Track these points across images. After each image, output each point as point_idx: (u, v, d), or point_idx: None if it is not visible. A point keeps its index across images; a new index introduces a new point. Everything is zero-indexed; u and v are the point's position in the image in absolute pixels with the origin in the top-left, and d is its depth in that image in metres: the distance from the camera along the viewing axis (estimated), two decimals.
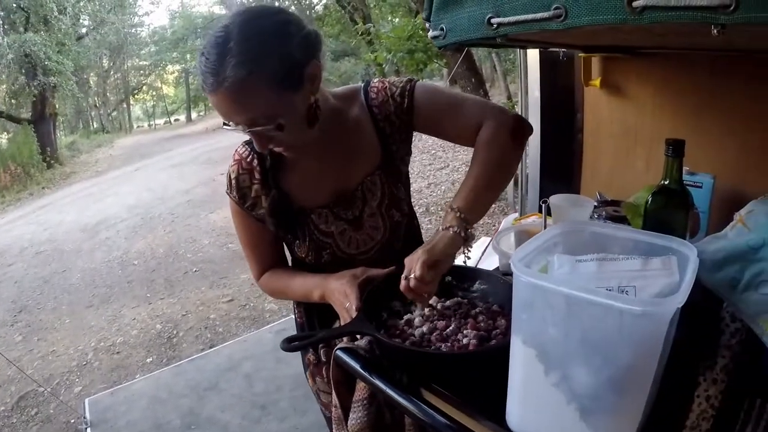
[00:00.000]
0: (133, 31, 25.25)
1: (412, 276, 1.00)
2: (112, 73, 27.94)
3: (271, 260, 1.35)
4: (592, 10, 0.73)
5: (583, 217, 1.34)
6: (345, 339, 1.05)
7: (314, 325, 1.40)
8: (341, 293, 1.13)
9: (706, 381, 0.83)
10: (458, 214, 1.08)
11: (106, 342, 4.45)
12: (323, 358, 1.36)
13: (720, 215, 1.35)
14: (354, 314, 1.04)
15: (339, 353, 1.00)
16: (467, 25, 0.93)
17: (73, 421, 3.41)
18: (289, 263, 1.39)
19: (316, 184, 1.26)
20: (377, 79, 1.30)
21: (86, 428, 3.17)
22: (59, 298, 5.59)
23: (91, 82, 25.97)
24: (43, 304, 5.49)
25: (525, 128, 1.23)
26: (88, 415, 3.29)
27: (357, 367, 0.97)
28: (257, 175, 1.22)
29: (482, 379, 0.89)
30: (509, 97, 11.69)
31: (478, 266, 1.16)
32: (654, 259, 0.72)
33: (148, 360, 4.06)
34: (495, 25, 0.87)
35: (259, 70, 0.99)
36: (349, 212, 1.28)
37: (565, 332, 0.65)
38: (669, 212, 1.05)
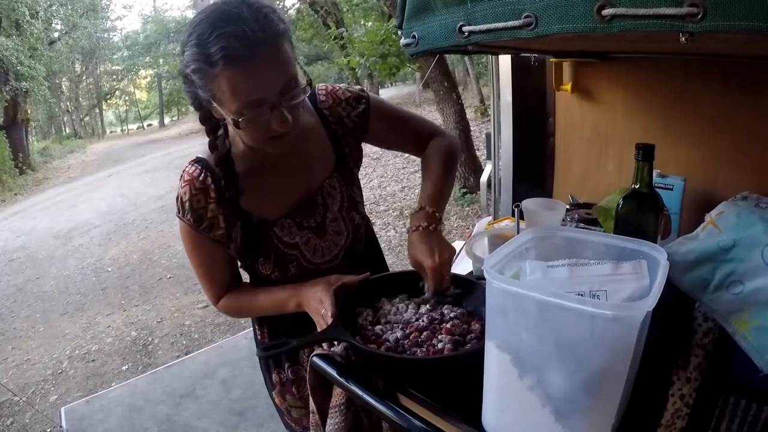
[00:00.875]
0: (105, 35, 24.98)
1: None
2: (84, 78, 27.58)
3: (229, 281, 1.28)
4: (562, 19, 0.74)
5: (556, 220, 1.36)
6: (323, 345, 1.05)
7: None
8: (316, 300, 1.12)
9: (680, 380, 0.85)
10: (436, 214, 1.19)
11: (81, 350, 4.39)
12: (291, 376, 1.36)
13: (691, 216, 1.36)
14: (330, 321, 1.04)
15: (315, 360, 1.00)
16: (439, 33, 0.94)
17: (49, 430, 3.36)
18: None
19: (276, 194, 1.23)
20: (322, 84, 1.31)
21: None
22: (33, 306, 5.52)
23: (64, 87, 25.57)
24: (17, 312, 5.41)
25: (458, 145, 1.44)
26: (64, 424, 3.25)
27: (333, 373, 0.97)
28: (213, 194, 1.15)
29: (458, 383, 0.90)
30: (482, 101, 11.78)
31: (452, 271, 1.16)
32: (624, 263, 0.74)
33: (124, 367, 4.01)
34: (466, 33, 0.88)
35: (287, 27, 1.02)
36: (311, 219, 1.26)
37: (539, 337, 0.67)
38: (640, 215, 1.07)
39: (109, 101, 31.49)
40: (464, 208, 6.27)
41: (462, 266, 1.57)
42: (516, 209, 1.35)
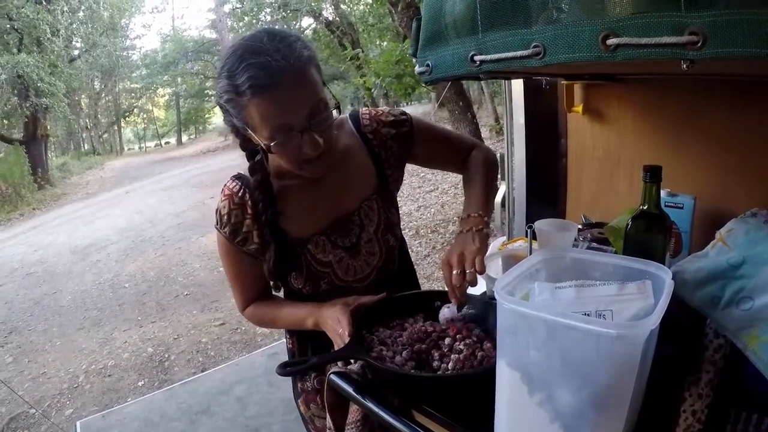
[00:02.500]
0: (124, 54, 25.36)
1: (471, 270, 1.08)
2: (103, 95, 28.04)
3: (257, 292, 1.34)
4: (569, 48, 0.77)
5: (568, 240, 1.38)
6: (339, 363, 1.09)
7: (308, 352, 1.41)
8: (334, 320, 1.15)
9: (691, 396, 0.87)
10: (483, 217, 1.21)
11: (98, 365, 4.43)
12: (317, 386, 1.39)
13: (702, 234, 1.38)
14: (347, 340, 1.07)
15: (333, 377, 1.03)
16: (452, 61, 0.98)
17: None
18: (273, 293, 1.41)
19: (312, 213, 1.26)
20: (366, 109, 1.37)
21: None
22: (50, 320, 5.57)
23: (83, 104, 26.01)
24: (34, 326, 5.47)
25: (496, 158, 1.46)
26: None
27: (350, 390, 1.00)
28: (250, 210, 1.21)
29: (471, 401, 0.93)
30: (497, 119, 11.81)
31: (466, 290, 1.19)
32: (629, 284, 0.77)
33: (140, 383, 4.04)
34: (478, 62, 0.92)
35: (313, 53, 1.07)
36: (346, 239, 1.29)
37: (547, 355, 0.69)
38: (648, 236, 1.09)
39: (127, 119, 31.99)
40: None
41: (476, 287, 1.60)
42: (529, 230, 1.37)
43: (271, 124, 1.04)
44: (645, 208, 1.11)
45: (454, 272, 1.09)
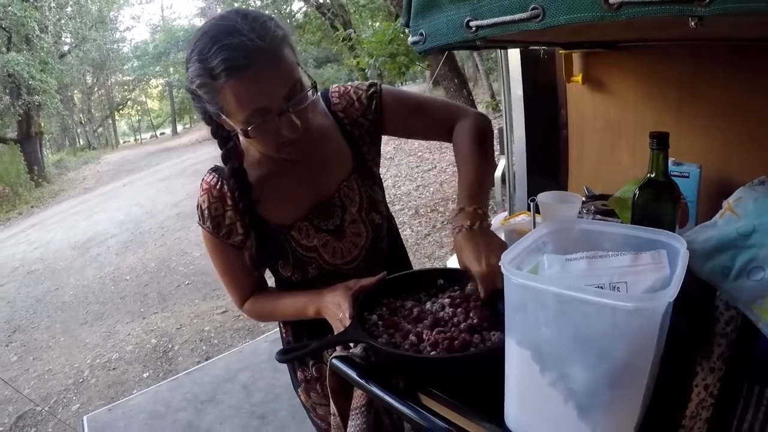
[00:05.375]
0: (115, 47, 25.19)
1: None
2: (96, 89, 27.85)
3: (252, 285, 1.31)
4: (570, 9, 0.73)
5: (572, 213, 1.34)
6: (340, 347, 1.05)
7: (303, 341, 1.39)
8: (335, 305, 1.12)
9: (703, 370, 0.83)
10: (478, 210, 1.10)
11: (102, 358, 4.43)
12: (316, 374, 1.36)
13: (708, 204, 1.35)
14: (348, 324, 1.04)
15: (335, 362, 0.99)
16: (446, 29, 0.93)
17: None
18: (269, 284, 1.38)
19: (292, 199, 1.24)
20: (335, 86, 1.31)
21: None
22: (53, 317, 5.57)
23: (76, 100, 25.88)
24: (37, 323, 5.46)
25: (491, 124, 1.33)
26: None
27: (353, 374, 0.96)
28: (229, 202, 1.18)
29: (479, 381, 0.89)
30: (493, 96, 11.72)
31: None
32: (644, 253, 0.73)
33: (145, 375, 4.04)
34: (474, 28, 0.87)
35: (287, 33, 1.02)
36: (329, 222, 1.26)
37: (558, 331, 0.66)
38: (656, 205, 1.06)
39: (121, 111, 31.82)
40: None
41: None
42: (531, 203, 1.34)
43: (248, 107, 1.00)
44: (652, 176, 1.07)
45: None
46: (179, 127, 30.81)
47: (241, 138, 1.12)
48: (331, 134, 1.27)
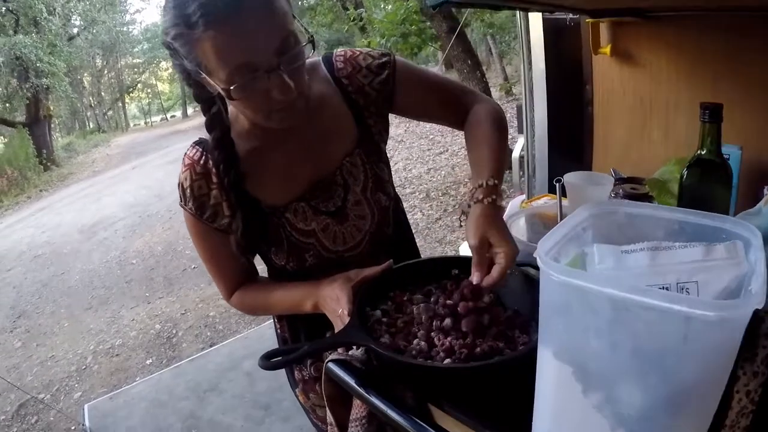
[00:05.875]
0: (124, 29, 25.13)
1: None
2: (105, 72, 27.78)
3: (241, 275, 1.16)
4: None
5: (603, 196, 1.20)
6: (338, 349, 0.91)
7: (300, 339, 1.25)
8: (333, 299, 0.98)
9: (746, 374, 0.69)
10: (498, 186, 0.98)
11: (105, 345, 4.37)
12: (314, 374, 1.23)
13: (747, 189, 1.26)
14: (347, 321, 0.89)
15: (331, 366, 0.85)
16: None
17: (74, 428, 3.33)
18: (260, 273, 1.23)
19: (286, 176, 1.09)
20: (341, 49, 1.16)
21: None
22: (58, 302, 5.52)
23: (85, 82, 25.87)
24: (42, 309, 5.42)
25: (504, 113, 1.18)
26: (87, 422, 3.20)
27: (351, 382, 0.82)
28: (214, 179, 1.03)
29: (502, 396, 0.75)
30: (506, 78, 11.54)
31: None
32: (717, 245, 0.57)
33: (148, 361, 3.98)
34: None
35: None
36: (330, 203, 1.11)
37: (612, 345, 0.51)
38: (708, 187, 0.91)
39: (131, 94, 31.79)
40: None
41: None
42: (557, 185, 1.19)
43: (231, 62, 0.84)
44: (703, 153, 0.93)
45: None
46: (189, 110, 30.64)
47: (229, 104, 0.98)
48: (333, 103, 1.11)
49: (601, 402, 0.54)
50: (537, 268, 0.99)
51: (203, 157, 1.04)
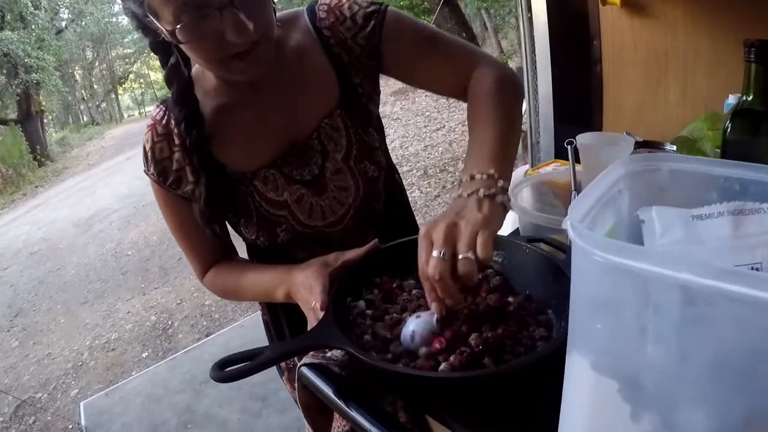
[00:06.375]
0: (113, 20, 24.71)
1: (468, 255, 0.64)
2: (96, 64, 27.44)
3: (215, 251, 1.04)
4: None
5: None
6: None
7: (282, 327, 1.11)
8: (306, 288, 0.83)
9: None
10: (498, 179, 0.75)
11: (101, 339, 4.32)
12: (299, 361, 1.08)
13: None
14: (321, 316, 0.74)
15: (304, 372, 0.70)
16: None
17: (71, 426, 3.28)
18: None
19: (256, 139, 0.96)
20: None
21: None
22: (54, 298, 5.47)
23: (77, 76, 25.65)
24: (39, 306, 5.37)
25: (518, 79, 1.00)
26: (83, 420, 3.12)
27: (328, 392, 0.67)
28: (176, 140, 0.93)
29: (517, 409, 0.60)
30: (502, 51, 11.33)
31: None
32: None
33: (144, 354, 3.92)
34: None
35: None
36: (305, 171, 0.98)
37: (681, 352, 0.35)
38: (757, 141, 0.75)
39: (124, 85, 31.45)
40: None
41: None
42: (569, 147, 1.03)
43: None
44: (749, 99, 0.77)
45: (434, 254, 0.66)
46: None
47: (191, 55, 0.85)
48: (313, 57, 0.97)
49: (656, 427, 0.39)
50: (550, 244, 0.84)
51: (165, 117, 0.94)
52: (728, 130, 0.76)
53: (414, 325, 0.68)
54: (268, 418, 2.76)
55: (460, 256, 0.64)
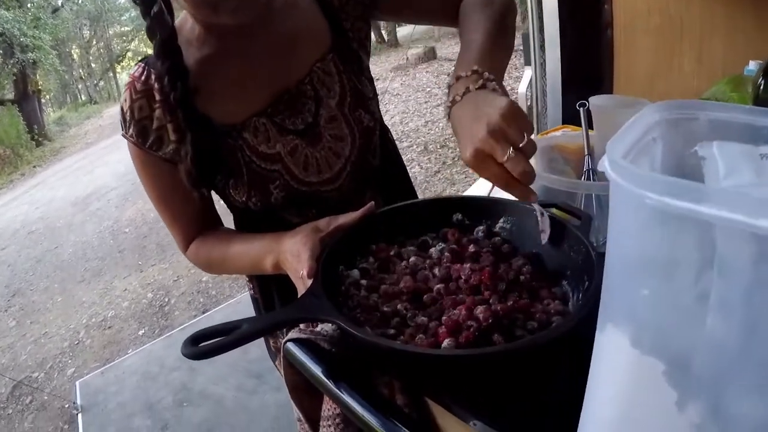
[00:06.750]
0: None
1: (525, 140, 0.60)
2: (94, 42, 27.24)
3: (199, 221, 0.98)
4: None
5: None
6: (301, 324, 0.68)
7: (273, 303, 1.04)
8: (294, 255, 0.76)
9: None
10: (485, 73, 0.71)
11: (98, 317, 4.30)
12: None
13: None
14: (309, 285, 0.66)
15: (290, 348, 0.62)
16: None
17: (67, 406, 3.25)
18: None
19: (244, 87, 0.90)
20: None
21: (77, 414, 2.99)
22: (51, 277, 5.46)
23: (74, 54, 25.46)
24: (36, 285, 5.37)
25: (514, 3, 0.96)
26: (78, 399, 3.11)
27: (317, 372, 0.59)
28: (157, 96, 0.86)
29: (528, 393, 0.53)
30: None
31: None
32: None
33: (140, 332, 3.89)
34: None
35: None
36: (298, 119, 0.91)
37: (750, 324, 0.27)
38: None
39: (121, 64, 31.17)
40: None
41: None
42: (581, 109, 0.96)
43: None
44: None
45: (504, 154, 0.60)
46: None
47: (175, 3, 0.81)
48: (302, 2, 0.95)
49: (703, 418, 0.32)
50: (564, 209, 0.77)
51: (145, 73, 0.88)
52: (761, 87, 0.68)
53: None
54: (264, 395, 2.74)
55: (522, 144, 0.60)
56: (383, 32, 14.17)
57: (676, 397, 0.32)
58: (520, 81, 1.77)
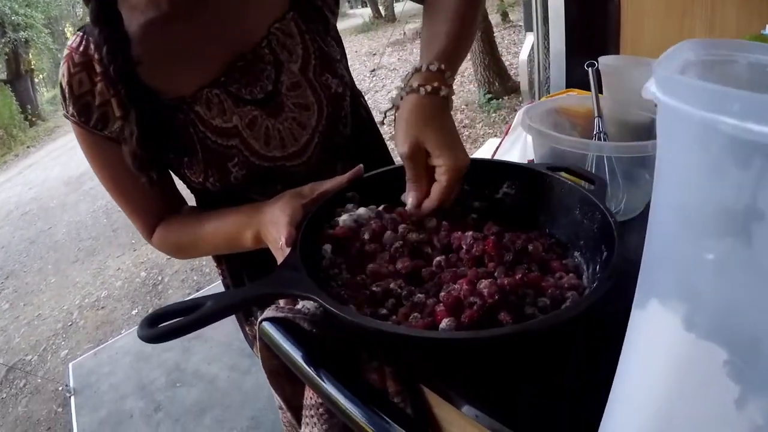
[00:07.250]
0: None
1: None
2: (87, 20, 26.95)
3: (160, 205, 0.88)
4: None
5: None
6: (280, 302, 0.60)
7: (244, 284, 0.96)
8: (273, 224, 0.68)
9: None
10: (445, 72, 0.72)
11: (91, 298, 4.25)
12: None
13: None
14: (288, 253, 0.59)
15: (266, 328, 0.55)
16: None
17: (60, 388, 3.21)
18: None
19: (194, 55, 0.79)
20: None
21: (70, 396, 2.96)
22: (45, 258, 5.39)
23: (68, 33, 25.04)
24: (29, 266, 5.30)
25: None
26: (71, 381, 3.07)
27: (296, 357, 0.52)
28: (98, 68, 0.75)
29: (537, 380, 0.46)
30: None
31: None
32: None
33: (134, 312, 3.85)
34: None
35: None
36: (256, 87, 0.81)
37: None
38: None
39: None
40: (490, 115, 5.69)
41: (511, 155, 1.15)
42: (590, 70, 0.88)
43: None
44: None
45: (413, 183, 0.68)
46: None
47: None
48: None
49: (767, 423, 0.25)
50: (576, 173, 0.69)
51: (84, 43, 0.77)
52: None
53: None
54: (258, 375, 2.68)
55: None
56: (381, 7, 13.99)
57: (739, 391, 0.24)
58: (522, 47, 1.68)
